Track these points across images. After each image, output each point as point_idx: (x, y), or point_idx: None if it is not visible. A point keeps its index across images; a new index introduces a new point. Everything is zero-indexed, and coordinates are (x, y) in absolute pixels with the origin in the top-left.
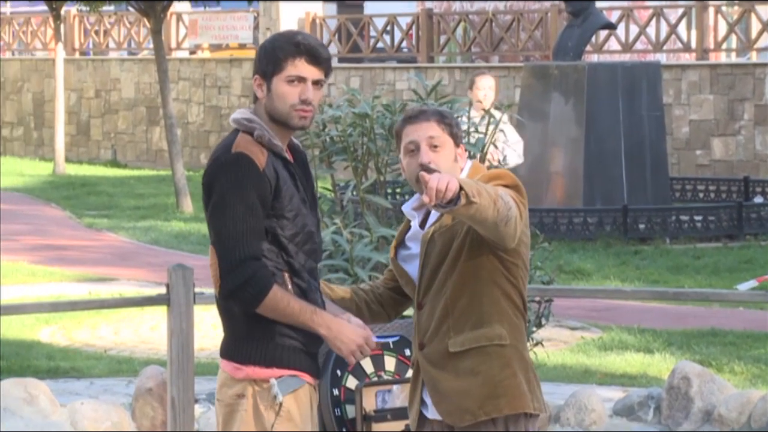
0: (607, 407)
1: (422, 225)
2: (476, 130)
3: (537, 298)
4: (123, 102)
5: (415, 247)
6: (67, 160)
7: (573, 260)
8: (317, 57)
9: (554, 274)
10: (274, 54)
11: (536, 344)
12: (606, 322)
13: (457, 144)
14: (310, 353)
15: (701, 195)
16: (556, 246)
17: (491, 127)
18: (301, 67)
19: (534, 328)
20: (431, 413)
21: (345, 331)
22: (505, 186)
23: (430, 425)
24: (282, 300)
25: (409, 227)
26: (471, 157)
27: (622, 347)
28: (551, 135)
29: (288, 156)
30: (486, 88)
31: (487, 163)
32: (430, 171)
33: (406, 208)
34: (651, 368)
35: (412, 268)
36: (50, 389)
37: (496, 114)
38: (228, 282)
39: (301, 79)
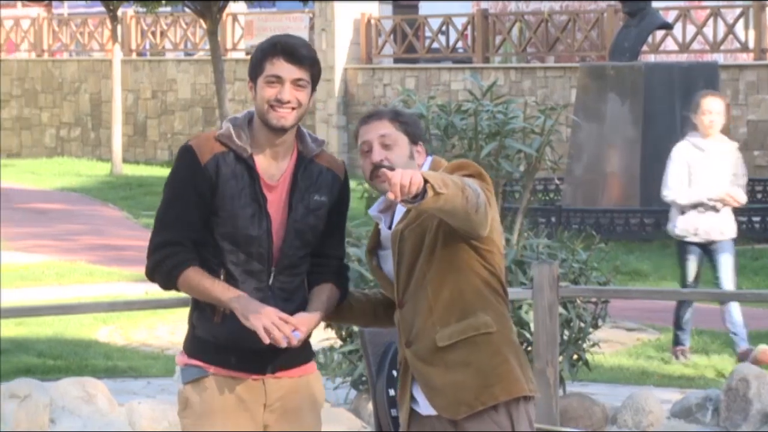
0: (665, 409)
1: (390, 226)
2: (533, 131)
3: (593, 299)
4: (179, 103)
5: (387, 248)
6: (124, 160)
7: (629, 261)
8: (295, 55)
9: (611, 276)
10: (257, 56)
11: (593, 345)
12: (663, 324)
13: (413, 141)
14: (222, 345)
15: (759, 196)
16: (613, 247)
17: (548, 125)
18: (278, 65)
19: (590, 330)
20: (425, 409)
21: (253, 305)
22: (469, 175)
23: (424, 422)
24: (194, 279)
25: (380, 231)
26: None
27: None
28: (607, 136)
29: (265, 160)
30: (715, 112)
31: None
32: (389, 169)
33: (373, 212)
34: (708, 370)
35: (390, 269)
36: (108, 388)
37: (726, 144)
38: (147, 265)
39: (278, 78)
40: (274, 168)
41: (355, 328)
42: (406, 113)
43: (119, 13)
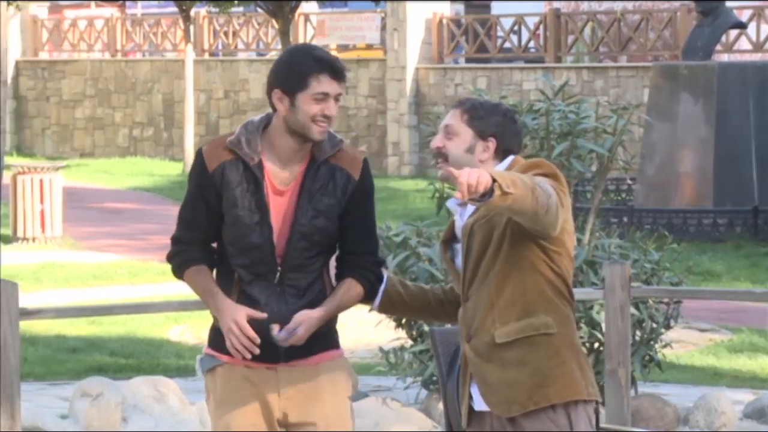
0: (737, 410)
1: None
2: (605, 131)
3: (665, 300)
4: (251, 102)
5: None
6: None
7: (702, 262)
8: (339, 72)
9: (683, 276)
10: (298, 70)
11: (665, 346)
12: (736, 324)
13: (481, 136)
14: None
15: None
16: (685, 247)
17: (621, 124)
18: (325, 83)
19: (663, 330)
20: (478, 405)
21: (225, 312)
22: (544, 174)
23: (481, 417)
24: (192, 279)
25: (455, 223)
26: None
27: (752, 349)
28: (680, 135)
29: (276, 167)
30: None
31: None
32: (443, 158)
33: (451, 204)
34: None
35: (458, 262)
36: (179, 387)
37: None
38: (168, 256)
39: (326, 95)
40: (287, 172)
41: (426, 328)
42: (487, 107)
43: (192, 13)
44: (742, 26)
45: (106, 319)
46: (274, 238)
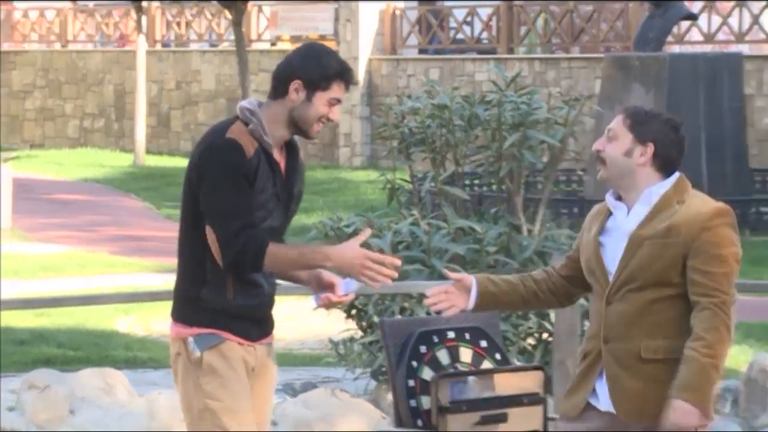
0: None
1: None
2: (556, 122)
3: None
4: (203, 93)
5: (612, 239)
6: (148, 151)
7: None
8: (351, 83)
9: None
10: (326, 71)
11: None
12: None
13: (640, 141)
14: (234, 315)
15: None
16: None
17: (572, 115)
18: (340, 91)
19: None
20: (604, 405)
21: (346, 255)
22: (715, 268)
23: (599, 416)
24: (279, 254)
25: (608, 215)
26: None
27: None
28: None
29: (277, 154)
30: None
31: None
32: (602, 161)
33: (610, 198)
34: (729, 361)
35: (607, 260)
36: (128, 379)
37: None
38: (227, 254)
39: (338, 101)
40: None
41: (376, 319)
42: (649, 113)
43: (144, 4)
44: (693, 17)
45: (55, 310)
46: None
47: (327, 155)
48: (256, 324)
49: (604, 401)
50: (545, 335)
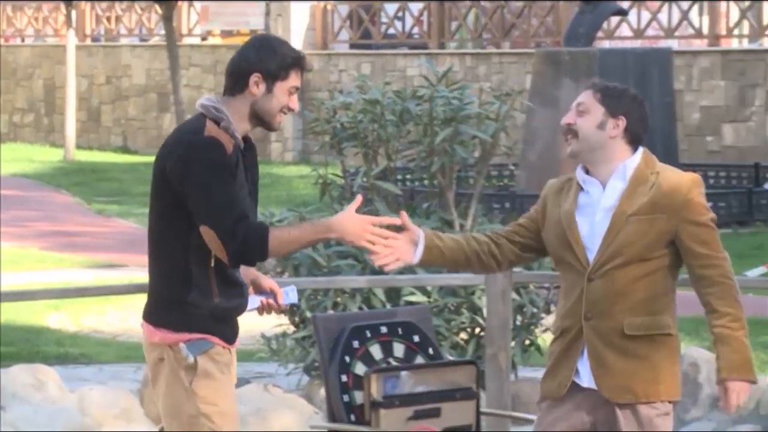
0: None
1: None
2: (488, 117)
3: (546, 285)
4: (134, 88)
5: (588, 215)
6: (78, 146)
7: None
8: (306, 70)
9: None
10: (284, 61)
11: (545, 330)
12: None
13: (612, 114)
14: (219, 318)
15: (711, 181)
16: None
17: (503, 110)
18: (298, 79)
19: (543, 315)
20: (586, 382)
21: (347, 224)
22: (709, 235)
23: (583, 394)
24: (283, 236)
25: (579, 190)
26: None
27: None
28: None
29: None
30: None
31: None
32: (573, 133)
33: (581, 174)
34: None
35: (584, 236)
36: (59, 375)
37: None
38: (231, 248)
39: (296, 89)
40: None
41: (308, 314)
42: (619, 89)
43: None
44: (623, 13)
45: None
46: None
47: (259, 150)
48: (231, 327)
49: (586, 378)
50: (477, 330)
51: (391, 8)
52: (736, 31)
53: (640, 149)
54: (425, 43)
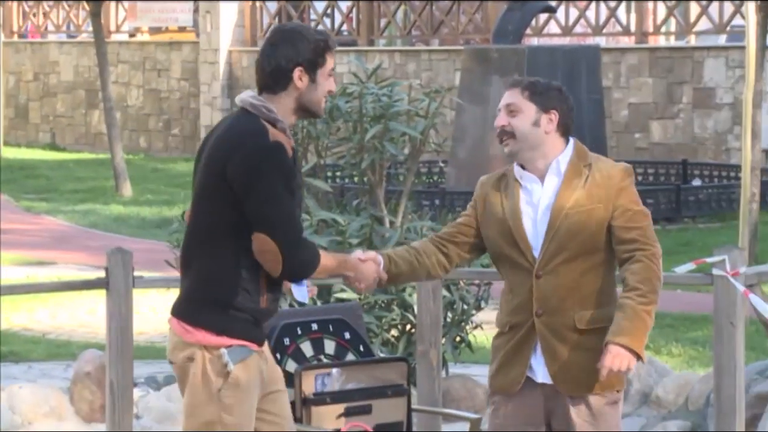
0: None
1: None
2: (417, 114)
3: (476, 281)
4: (62, 85)
5: (528, 212)
6: (5, 143)
7: None
8: (335, 48)
9: None
10: (318, 47)
11: (475, 327)
12: None
13: (543, 110)
14: (258, 324)
15: (640, 178)
16: None
17: (433, 107)
18: (332, 59)
19: (473, 311)
20: (540, 377)
21: (364, 271)
22: (643, 245)
23: (537, 388)
24: (322, 262)
25: (518, 187)
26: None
27: None
28: (491, 118)
29: None
30: None
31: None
32: (510, 134)
33: (518, 170)
34: None
35: (528, 233)
36: None
37: None
38: (291, 261)
39: (333, 71)
40: None
41: None
42: (543, 83)
43: None
44: (551, 10)
45: None
46: None
47: (188, 147)
48: (264, 328)
49: (540, 374)
50: (408, 327)
51: (320, 5)
52: (663, 29)
53: (572, 142)
54: (354, 40)
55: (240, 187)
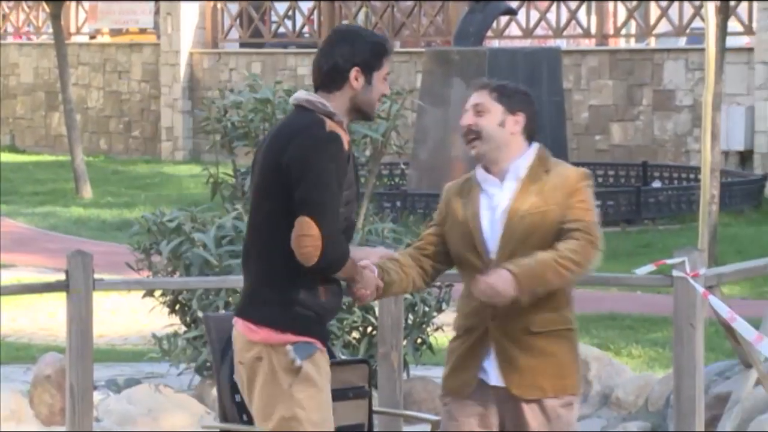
0: None
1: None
2: (378, 116)
3: (438, 283)
4: (22, 87)
5: (487, 215)
6: None
7: None
8: (392, 53)
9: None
10: (377, 50)
11: (436, 329)
12: None
13: (510, 111)
14: (322, 319)
15: (600, 180)
16: None
17: (394, 109)
18: (389, 64)
19: (435, 313)
20: (494, 380)
21: (370, 279)
22: (582, 229)
23: (489, 391)
24: (347, 263)
25: (479, 191)
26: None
27: None
28: (452, 120)
29: None
30: None
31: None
32: (476, 134)
33: (483, 174)
34: None
35: (486, 236)
36: None
37: None
38: (329, 252)
39: (388, 75)
40: None
41: (200, 314)
42: (511, 86)
43: None
44: (512, 12)
45: None
46: None
47: (149, 149)
48: (327, 327)
49: (493, 377)
50: (370, 329)
51: (281, 7)
52: (623, 31)
53: (535, 145)
54: (315, 42)
55: (294, 173)
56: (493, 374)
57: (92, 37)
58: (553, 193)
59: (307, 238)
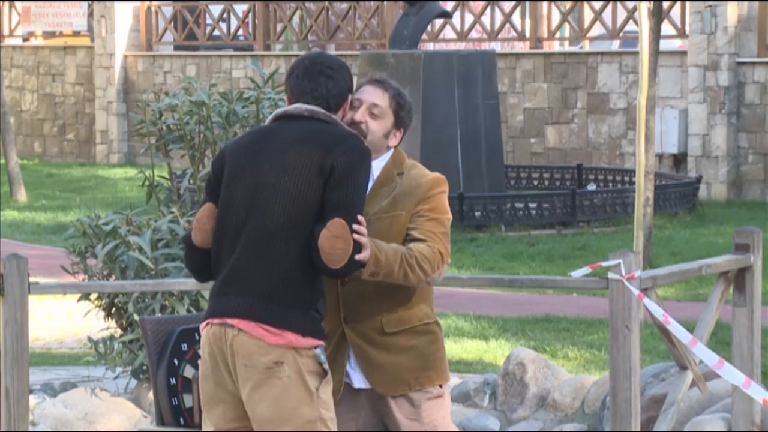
0: None
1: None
2: None
3: None
4: None
5: None
6: None
7: None
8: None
9: None
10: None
11: None
12: (442, 309)
13: (397, 125)
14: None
15: (536, 183)
16: None
17: None
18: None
19: None
20: (357, 383)
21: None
22: (434, 228)
23: (356, 393)
24: None
25: None
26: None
27: (458, 334)
28: None
29: None
30: None
31: None
32: (362, 134)
33: None
34: (487, 355)
35: None
36: None
37: None
38: (360, 257)
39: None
40: None
41: (136, 317)
42: (406, 98)
43: None
44: (447, 15)
45: None
46: None
47: (83, 152)
48: None
49: (356, 379)
50: None
51: (216, 10)
52: (557, 34)
53: (392, 149)
54: (251, 45)
55: (336, 177)
56: (355, 377)
57: (25, 39)
58: (403, 197)
59: (341, 240)
